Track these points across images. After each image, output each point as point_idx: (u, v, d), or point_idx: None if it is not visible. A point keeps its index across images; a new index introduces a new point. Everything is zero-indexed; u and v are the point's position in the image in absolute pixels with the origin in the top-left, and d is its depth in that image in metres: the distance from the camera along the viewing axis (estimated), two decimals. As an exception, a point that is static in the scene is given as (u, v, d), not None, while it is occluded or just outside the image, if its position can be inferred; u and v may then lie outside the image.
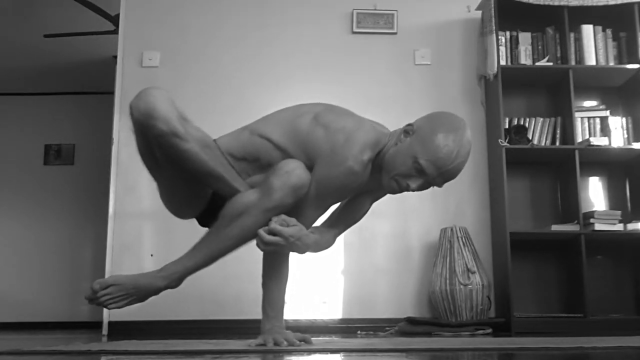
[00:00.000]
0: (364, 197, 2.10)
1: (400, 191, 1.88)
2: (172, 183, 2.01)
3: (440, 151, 1.81)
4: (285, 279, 2.00)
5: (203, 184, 1.95)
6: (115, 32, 4.56)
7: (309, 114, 1.99)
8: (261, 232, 1.83)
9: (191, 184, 1.95)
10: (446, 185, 1.75)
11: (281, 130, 1.97)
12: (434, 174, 1.82)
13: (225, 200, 1.91)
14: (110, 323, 3.65)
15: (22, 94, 6.71)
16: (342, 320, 3.62)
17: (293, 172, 1.83)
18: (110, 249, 3.73)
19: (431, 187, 1.86)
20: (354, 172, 1.85)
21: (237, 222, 1.86)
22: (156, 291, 1.93)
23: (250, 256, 2.09)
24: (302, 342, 1.92)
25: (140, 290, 1.91)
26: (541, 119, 3.79)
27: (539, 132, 3.77)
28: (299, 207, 1.88)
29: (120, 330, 3.57)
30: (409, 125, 1.90)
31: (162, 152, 1.84)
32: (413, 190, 1.85)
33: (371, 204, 2.15)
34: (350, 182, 1.87)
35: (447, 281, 3.44)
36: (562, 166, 3.77)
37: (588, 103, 3.93)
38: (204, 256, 1.92)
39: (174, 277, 1.92)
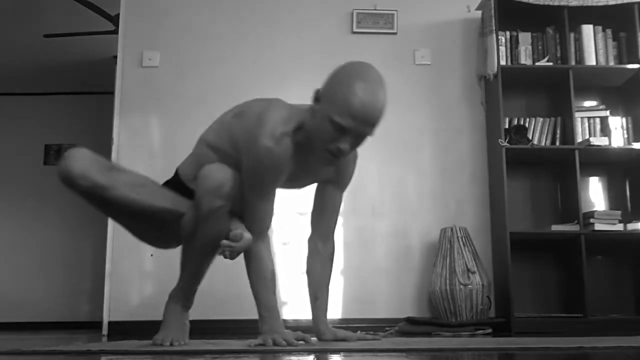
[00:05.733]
0: (327, 189, 2.11)
1: (337, 157, 1.82)
2: (128, 225, 2.11)
3: (351, 102, 1.74)
4: (270, 278, 1.98)
5: (155, 219, 2.01)
6: (115, 32, 4.56)
7: (235, 109, 2.06)
8: (223, 252, 1.89)
9: (145, 222, 2.04)
10: (446, 185, 1.73)
11: (215, 132, 2.05)
12: (356, 126, 1.76)
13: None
14: (110, 323, 3.65)
15: (22, 94, 6.71)
16: (342, 320, 3.61)
17: (205, 176, 1.89)
18: (110, 249, 3.73)
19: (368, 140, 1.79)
20: (269, 149, 1.83)
21: (194, 240, 1.99)
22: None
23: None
24: (302, 342, 1.92)
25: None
26: (541, 119, 3.79)
27: (539, 132, 3.77)
28: (244, 200, 1.93)
29: (120, 330, 3.57)
30: (315, 90, 1.87)
31: (95, 204, 1.94)
32: (346, 151, 1.80)
33: (340, 195, 2.15)
34: (271, 161, 1.84)
35: (447, 281, 3.45)
36: (562, 166, 3.77)
37: (588, 103, 3.93)
38: (189, 275, 2.09)
39: (180, 299, 2.10)
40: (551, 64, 3.75)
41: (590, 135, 3.75)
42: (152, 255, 3.68)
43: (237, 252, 1.91)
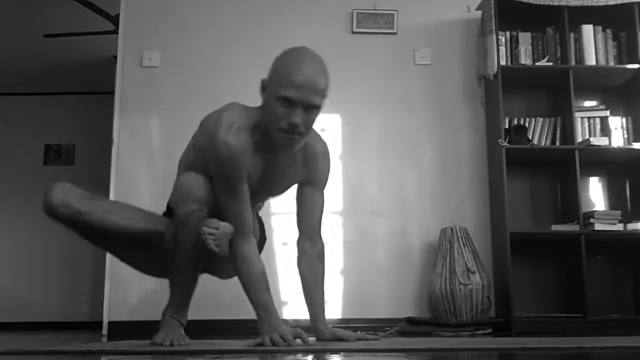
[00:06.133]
0: (304, 190, 2.13)
1: (293, 133, 1.87)
2: (118, 252, 2.21)
3: (291, 73, 1.85)
4: (260, 277, 1.99)
5: (140, 242, 2.10)
6: (115, 32, 4.56)
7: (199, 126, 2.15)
8: (207, 241, 1.91)
9: (131, 246, 2.13)
10: (446, 185, 1.73)
11: (186, 152, 2.18)
12: (300, 95, 1.83)
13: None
14: (110, 323, 3.65)
15: (22, 94, 6.71)
16: (342, 320, 3.61)
17: (179, 185, 2.04)
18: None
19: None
20: (225, 142, 1.89)
21: (176, 253, 2.04)
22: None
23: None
24: (299, 339, 1.92)
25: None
26: (541, 119, 3.79)
27: (539, 132, 3.77)
28: (220, 204, 1.98)
29: (120, 330, 3.57)
30: (261, 81, 1.98)
31: (79, 232, 2.07)
32: (299, 124, 1.85)
33: (319, 194, 2.15)
34: (229, 152, 1.89)
35: (447, 281, 3.44)
36: (562, 166, 3.77)
37: (588, 103, 3.92)
38: (177, 291, 2.12)
39: (173, 312, 2.12)
40: (551, 64, 3.75)
41: (590, 135, 3.75)
42: (152, 255, 3.68)
43: (221, 239, 1.92)
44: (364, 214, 3.83)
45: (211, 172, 1.97)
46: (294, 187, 2.17)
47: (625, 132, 3.80)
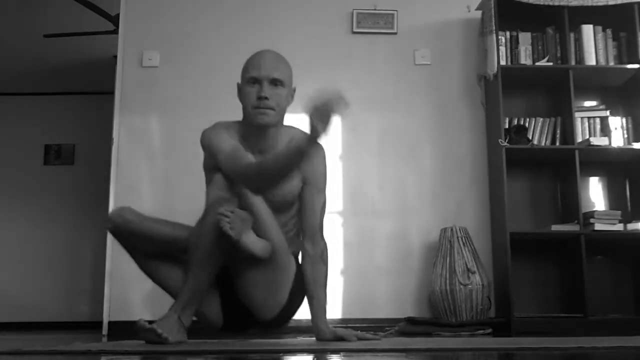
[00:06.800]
0: (303, 191, 2.20)
1: (264, 108, 2.12)
2: (156, 270, 2.27)
3: (251, 59, 2.22)
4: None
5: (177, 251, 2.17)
6: (115, 32, 4.56)
7: None
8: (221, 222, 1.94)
9: (169, 260, 2.21)
10: (446, 185, 1.74)
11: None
12: (263, 72, 2.15)
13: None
14: (110, 323, 3.65)
15: (22, 94, 6.71)
16: (342, 321, 3.61)
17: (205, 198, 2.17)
18: (110, 249, 3.73)
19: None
20: (205, 132, 2.19)
21: (196, 244, 2.04)
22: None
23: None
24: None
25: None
26: (541, 119, 3.79)
27: (539, 132, 3.77)
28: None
29: (120, 330, 3.57)
30: (237, 84, 2.27)
31: (125, 239, 2.22)
32: (268, 97, 2.11)
33: (318, 195, 2.22)
34: (210, 137, 2.17)
35: (447, 281, 3.44)
36: (562, 166, 3.77)
37: (588, 103, 3.93)
38: (193, 281, 2.06)
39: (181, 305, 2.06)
40: (551, 64, 3.75)
41: (590, 135, 3.75)
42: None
43: (235, 222, 1.93)
44: (364, 214, 3.83)
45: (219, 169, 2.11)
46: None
47: (625, 132, 3.80)
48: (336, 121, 4.03)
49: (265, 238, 2.05)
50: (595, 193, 3.86)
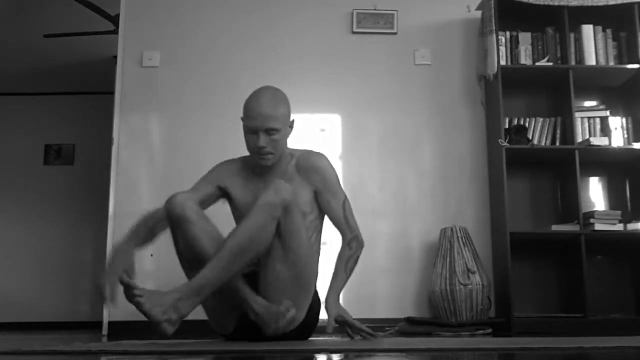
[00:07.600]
0: (320, 198, 2.43)
1: (262, 154, 2.30)
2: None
3: (247, 108, 2.32)
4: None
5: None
6: (115, 32, 4.57)
7: None
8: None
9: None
10: (446, 185, 1.74)
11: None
12: (256, 124, 2.27)
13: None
14: (110, 323, 3.65)
15: (22, 94, 6.71)
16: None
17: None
18: (110, 249, 3.73)
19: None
20: (217, 167, 2.48)
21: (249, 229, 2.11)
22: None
23: (250, 256, 2.09)
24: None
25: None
26: (541, 119, 3.79)
27: (539, 132, 3.77)
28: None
29: (120, 330, 3.57)
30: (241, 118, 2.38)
31: (178, 233, 2.21)
32: (263, 145, 2.27)
33: (327, 197, 2.44)
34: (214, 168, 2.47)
35: (447, 281, 3.44)
36: (562, 166, 3.77)
37: (588, 103, 3.93)
38: (210, 272, 2.07)
39: (192, 289, 2.07)
40: (551, 64, 3.75)
41: (590, 135, 3.75)
42: (152, 255, 3.68)
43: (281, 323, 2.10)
44: (364, 214, 3.82)
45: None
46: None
47: (625, 132, 3.80)
48: (337, 120, 4.03)
49: (296, 256, 2.19)
50: (595, 193, 3.86)
